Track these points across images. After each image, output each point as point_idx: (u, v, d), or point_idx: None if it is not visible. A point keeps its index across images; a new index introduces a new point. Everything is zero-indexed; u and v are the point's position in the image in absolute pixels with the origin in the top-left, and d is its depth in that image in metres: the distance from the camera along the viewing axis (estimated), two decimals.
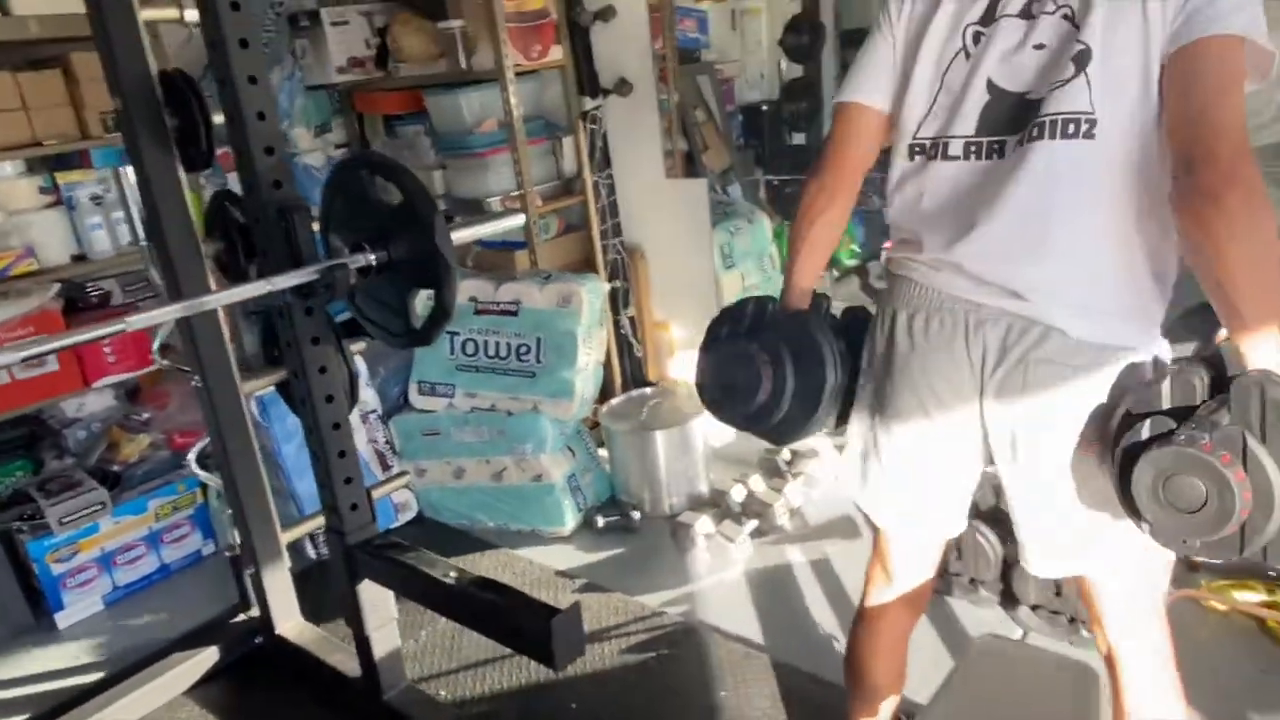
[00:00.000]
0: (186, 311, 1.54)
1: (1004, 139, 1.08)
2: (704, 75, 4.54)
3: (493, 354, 2.47)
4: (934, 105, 1.14)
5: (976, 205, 1.10)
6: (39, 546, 2.29)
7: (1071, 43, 1.03)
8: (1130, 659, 1.22)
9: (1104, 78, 1.01)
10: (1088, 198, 1.03)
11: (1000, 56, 1.09)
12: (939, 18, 1.14)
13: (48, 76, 2.45)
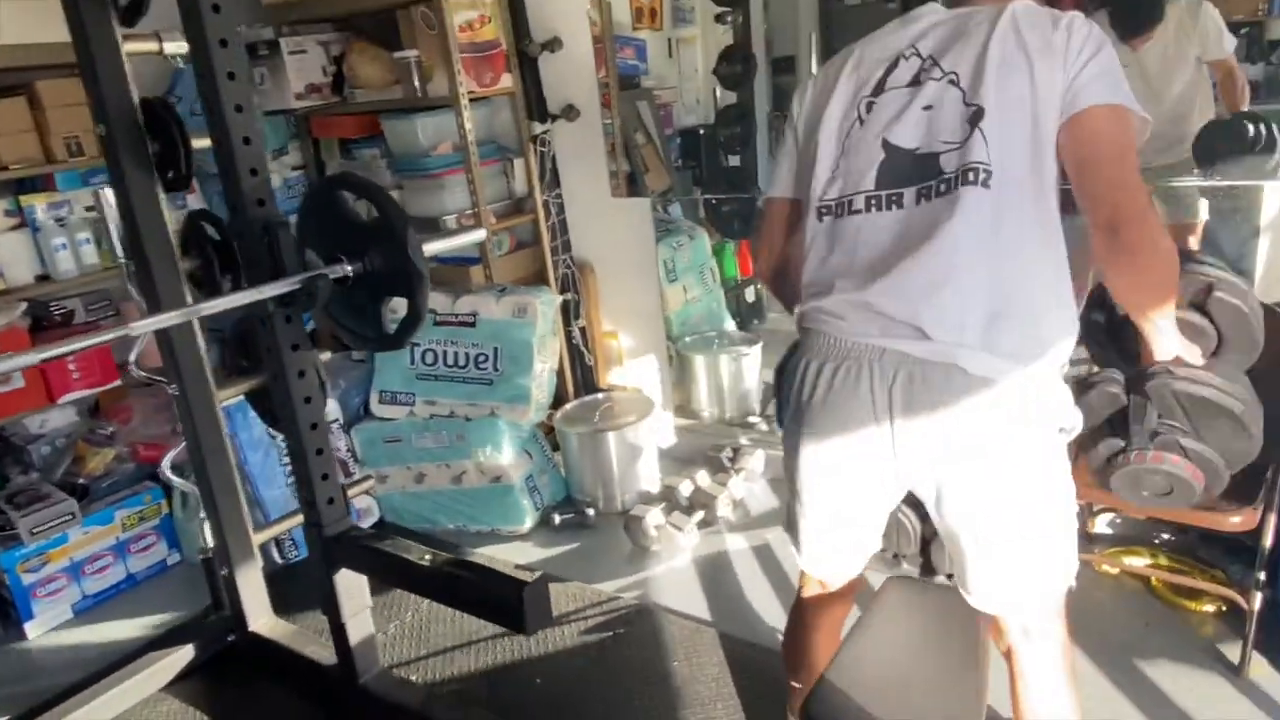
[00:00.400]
0: (186, 317, 1.68)
1: (901, 190, 1.19)
2: (643, 100, 4.76)
3: (452, 363, 2.62)
4: (836, 170, 1.26)
5: (883, 250, 1.19)
6: (9, 557, 2.35)
7: (961, 104, 1.16)
8: (1028, 660, 1.28)
9: (997, 134, 1.14)
10: (987, 240, 1.13)
11: (892, 118, 1.21)
12: (835, 99, 1.28)
13: (13, 104, 2.53)
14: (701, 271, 3.41)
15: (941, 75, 1.19)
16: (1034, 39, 1.14)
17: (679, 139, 5.02)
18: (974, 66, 1.17)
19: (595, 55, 2.96)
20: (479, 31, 2.66)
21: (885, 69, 1.25)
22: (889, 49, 1.27)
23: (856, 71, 1.28)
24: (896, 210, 1.20)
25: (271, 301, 1.66)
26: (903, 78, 1.23)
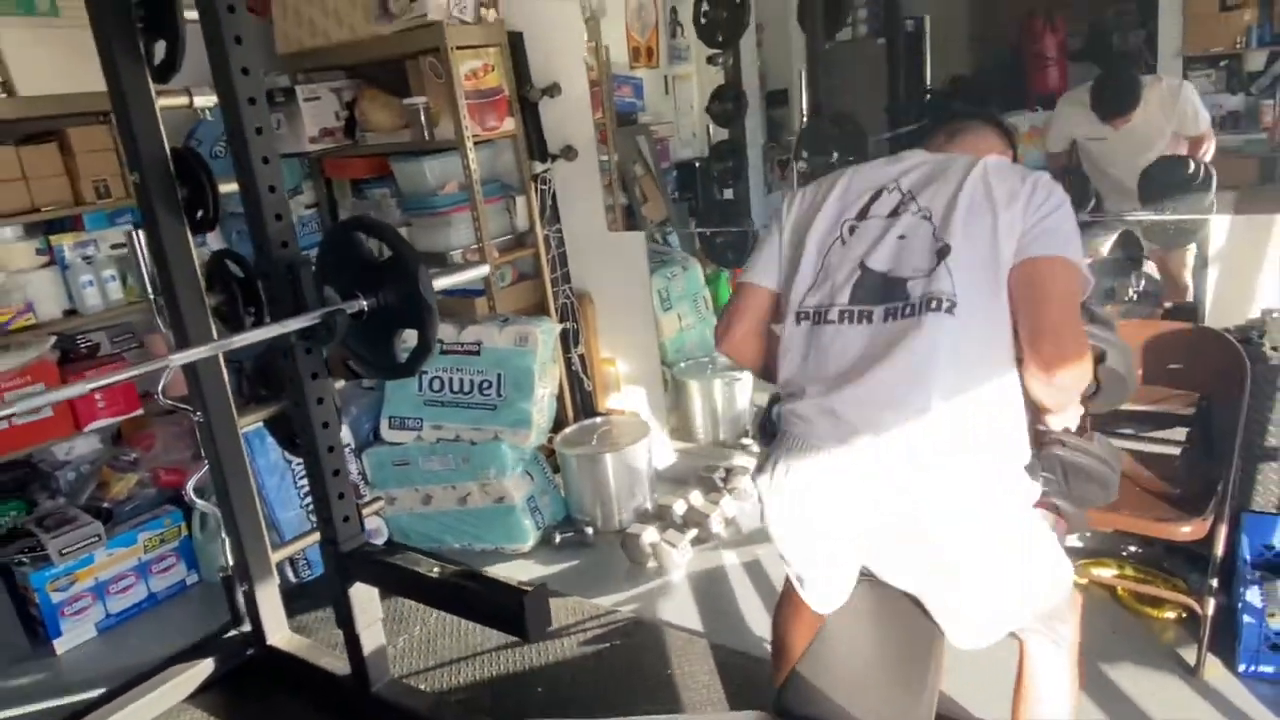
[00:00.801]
0: (216, 350, 1.83)
1: (871, 308, 1.32)
2: (641, 135, 4.95)
3: (457, 389, 2.76)
4: (816, 281, 1.39)
5: (851, 361, 1.31)
6: (40, 577, 2.48)
7: (931, 238, 1.30)
8: (1030, 660, 1.44)
9: (960, 268, 1.27)
10: (946, 359, 1.24)
11: (871, 243, 1.35)
12: (822, 216, 1.42)
13: (46, 150, 2.68)
14: (695, 300, 3.57)
15: (917, 210, 1.34)
16: (1001, 191, 1.29)
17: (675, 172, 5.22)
18: (946, 207, 1.31)
19: (592, 98, 3.13)
20: (483, 79, 2.84)
21: (870, 197, 1.40)
22: (874, 181, 1.41)
23: (844, 196, 1.42)
24: (866, 325, 1.32)
25: (294, 335, 1.81)
26: (884, 208, 1.37)
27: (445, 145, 2.88)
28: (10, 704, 2.33)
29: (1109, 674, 1.97)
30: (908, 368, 1.25)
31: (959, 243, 1.28)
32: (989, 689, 1.73)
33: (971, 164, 1.35)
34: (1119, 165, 2.56)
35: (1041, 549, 1.36)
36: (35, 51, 2.51)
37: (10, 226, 2.65)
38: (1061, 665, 1.45)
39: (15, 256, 2.66)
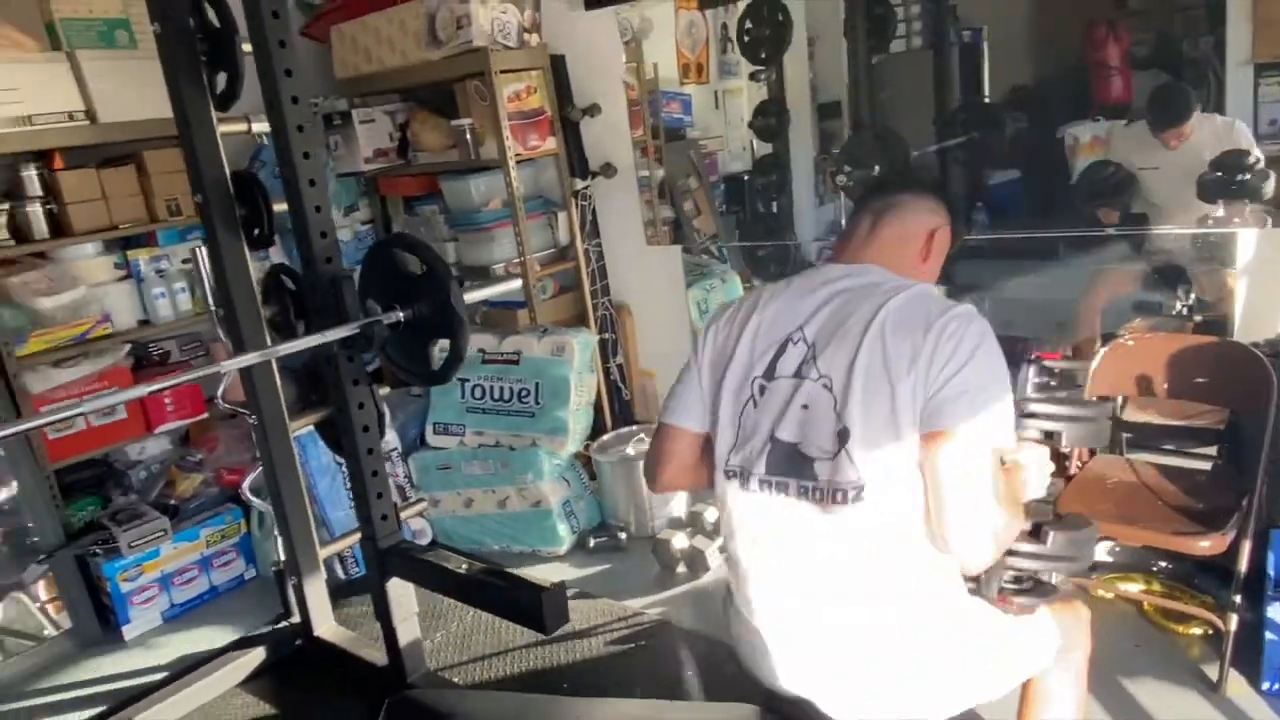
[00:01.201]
0: (265, 357, 1.97)
1: (787, 480, 1.25)
2: (690, 150, 5.05)
3: (498, 397, 2.88)
4: (737, 441, 1.32)
5: (773, 534, 1.28)
6: (111, 567, 2.67)
7: (833, 413, 1.21)
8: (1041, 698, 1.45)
9: (865, 453, 1.18)
10: (858, 555, 1.22)
11: (778, 412, 1.26)
12: (734, 368, 1.33)
13: (124, 171, 2.90)
14: None
15: (818, 377, 1.24)
16: (899, 352, 1.18)
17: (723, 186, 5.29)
18: (844, 376, 1.21)
19: (633, 116, 3.23)
20: (526, 101, 2.96)
21: (776, 351, 1.30)
22: (782, 328, 1.31)
23: (753, 345, 1.33)
24: (783, 497, 1.27)
25: (336, 344, 1.95)
26: (789, 366, 1.28)
27: (490, 164, 3.01)
28: (83, 684, 2.52)
29: (1129, 689, 1.96)
30: (820, 560, 1.24)
31: (859, 428, 1.19)
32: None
33: (874, 310, 1.22)
34: (1166, 194, 2.58)
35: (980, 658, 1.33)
36: (115, 81, 2.71)
37: (91, 243, 2.86)
38: (1067, 678, 1.46)
39: (95, 270, 2.87)
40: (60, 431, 2.74)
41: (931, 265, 1.41)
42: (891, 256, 1.37)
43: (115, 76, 2.71)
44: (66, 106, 2.65)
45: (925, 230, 1.40)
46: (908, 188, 1.46)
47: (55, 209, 2.73)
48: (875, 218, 1.41)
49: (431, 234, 3.24)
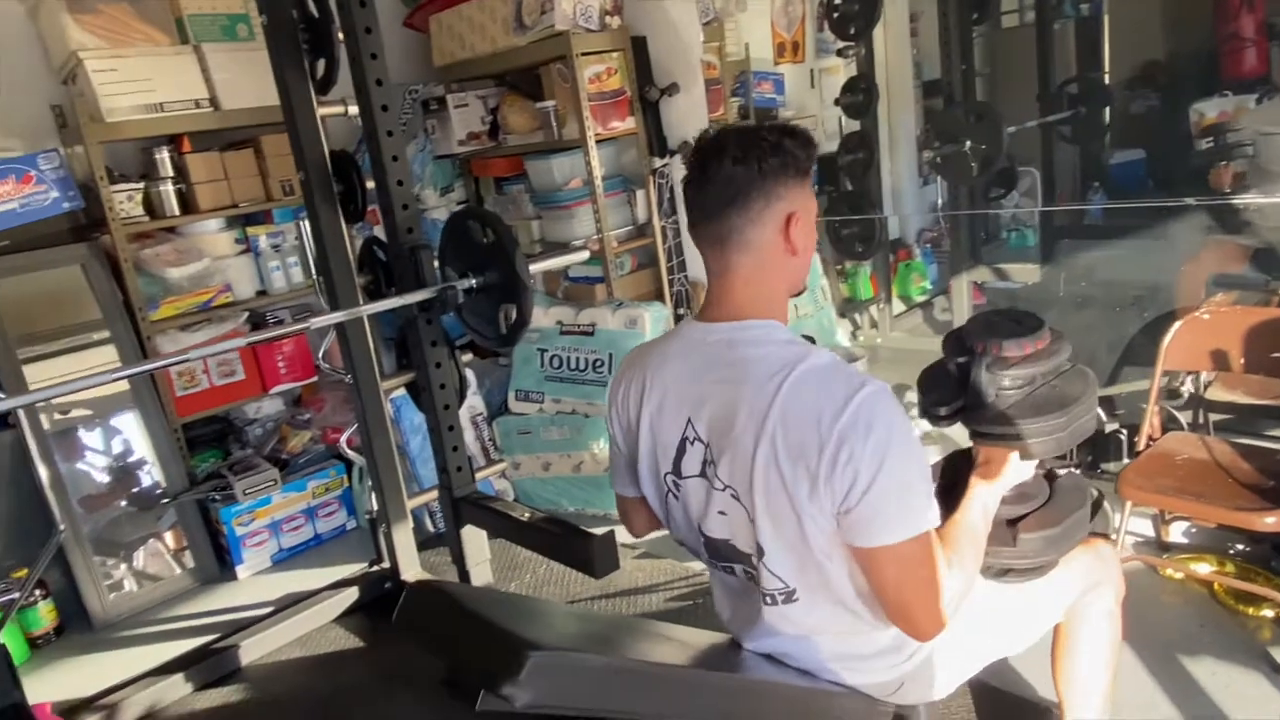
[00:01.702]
0: (349, 316, 2.17)
1: (731, 565, 1.23)
2: None
3: (574, 367, 3.02)
4: (671, 527, 1.31)
5: (737, 611, 1.31)
6: (228, 512, 2.97)
7: (749, 524, 1.14)
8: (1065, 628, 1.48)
9: (785, 565, 1.14)
10: (813, 630, 1.22)
11: (699, 511, 1.21)
12: (641, 453, 1.26)
13: (243, 154, 3.19)
14: (813, 290, 3.66)
15: (723, 487, 1.16)
16: (797, 476, 1.08)
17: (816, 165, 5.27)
18: (748, 494, 1.13)
19: (713, 95, 3.30)
20: (606, 82, 3.08)
21: (676, 449, 1.22)
22: (675, 422, 1.21)
23: (653, 434, 1.24)
24: (733, 577, 1.26)
25: (415, 307, 2.12)
26: (693, 466, 1.20)
27: (571, 144, 3.15)
28: (201, 615, 2.82)
29: (1188, 667, 1.93)
30: (771, 646, 1.26)
31: (772, 546, 1.14)
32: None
33: (761, 416, 1.09)
34: None
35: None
36: (235, 71, 2.98)
37: (215, 220, 3.17)
38: (1095, 619, 1.47)
39: (218, 245, 3.18)
40: (187, 389, 3.06)
41: (802, 250, 1.20)
42: (756, 293, 1.19)
43: (235, 67, 2.97)
44: (193, 95, 2.93)
45: (777, 231, 1.17)
46: (732, 182, 1.14)
47: (184, 188, 3.03)
48: (721, 253, 1.19)
49: (518, 212, 3.41)
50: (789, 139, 1.16)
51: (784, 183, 1.16)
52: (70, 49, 2.76)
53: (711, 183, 1.15)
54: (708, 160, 1.16)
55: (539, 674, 0.81)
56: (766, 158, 1.14)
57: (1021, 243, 5.10)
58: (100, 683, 2.32)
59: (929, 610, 1.11)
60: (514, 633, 0.89)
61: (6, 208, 2.74)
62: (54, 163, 2.80)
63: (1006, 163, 4.31)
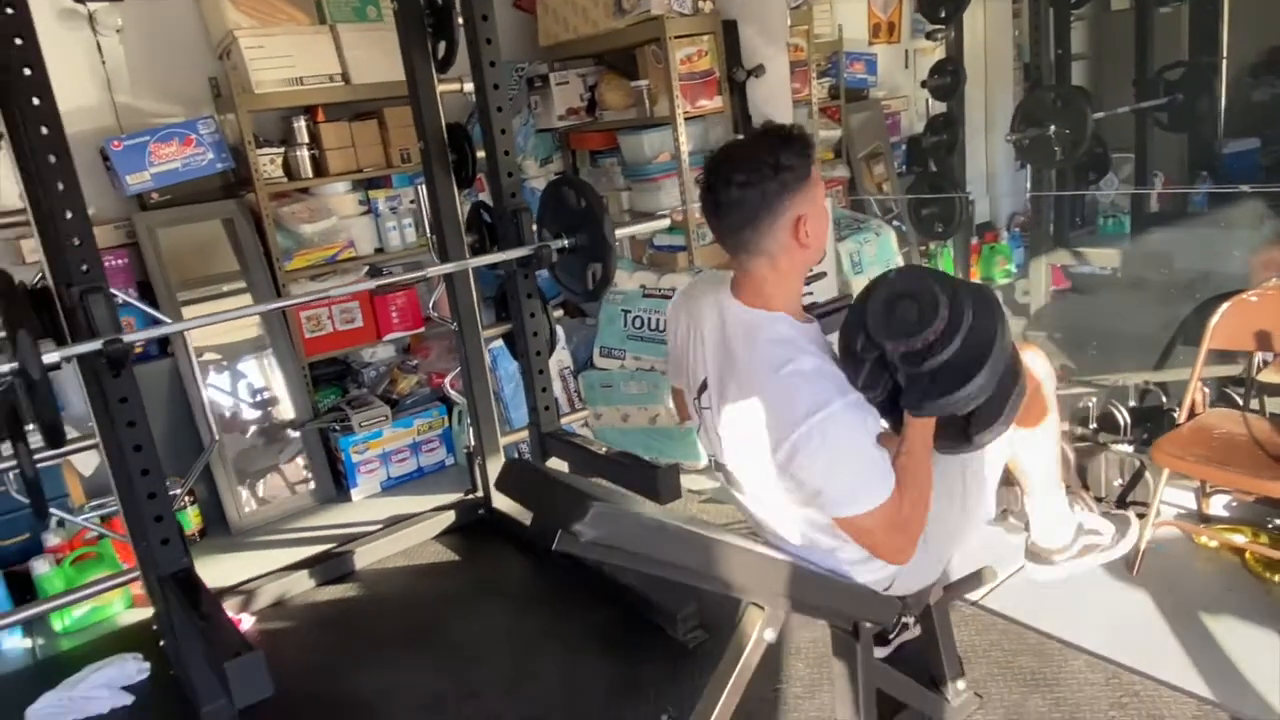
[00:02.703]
0: (458, 267, 2.50)
1: (743, 485, 1.50)
2: (871, 111, 5.16)
3: (654, 328, 3.28)
4: (702, 433, 1.59)
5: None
6: (346, 441, 3.36)
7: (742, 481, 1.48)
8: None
9: (761, 505, 1.49)
10: (805, 548, 1.49)
11: (713, 439, 1.50)
12: (683, 370, 1.57)
13: (369, 125, 3.54)
14: (887, 265, 3.80)
15: (718, 434, 1.47)
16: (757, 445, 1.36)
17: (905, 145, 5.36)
18: (739, 448, 1.41)
19: (799, 76, 3.47)
20: (696, 63, 3.30)
21: (699, 386, 1.50)
22: (698, 370, 1.49)
23: (690, 355, 1.52)
24: (742, 495, 1.55)
25: (515, 262, 2.42)
26: (707, 401, 1.48)
27: (662, 121, 3.38)
28: (320, 529, 3.23)
29: (1208, 624, 2.06)
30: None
31: (749, 489, 1.47)
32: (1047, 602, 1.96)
33: (749, 394, 1.35)
34: None
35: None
36: (365, 49, 3.32)
37: (342, 183, 3.54)
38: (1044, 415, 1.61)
39: (344, 205, 3.55)
40: (314, 333, 3.46)
41: (813, 240, 1.36)
42: (774, 290, 1.41)
43: (365, 45, 3.32)
44: (328, 70, 3.29)
45: (789, 236, 1.34)
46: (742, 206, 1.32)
47: (317, 154, 3.41)
48: (743, 257, 1.40)
49: (610, 183, 3.68)
50: (786, 152, 1.31)
51: (787, 196, 1.32)
52: (227, 28, 3.15)
53: (722, 207, 1.34)
54: (716, 185, 1.34)
55: (599, 518, 1.09)
56: (768, 181, 1.30)
57: (1119, 229, 5.07)
58: (237, 577, 2.74)
59: (892, 552, 1.36)
60: (583, 491, 1.16)
61: (170, 166, 3.16)
62: (210, 128, 3.21)
63: (1099, 148, 4.33)
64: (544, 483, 1.30)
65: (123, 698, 2.25)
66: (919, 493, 1.35)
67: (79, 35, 3.08)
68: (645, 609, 2.31)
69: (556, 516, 1.10)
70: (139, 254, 3.19)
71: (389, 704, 2.14)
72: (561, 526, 1.09)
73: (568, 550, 1.11)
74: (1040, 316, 4.19)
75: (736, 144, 1.44)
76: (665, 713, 1.58)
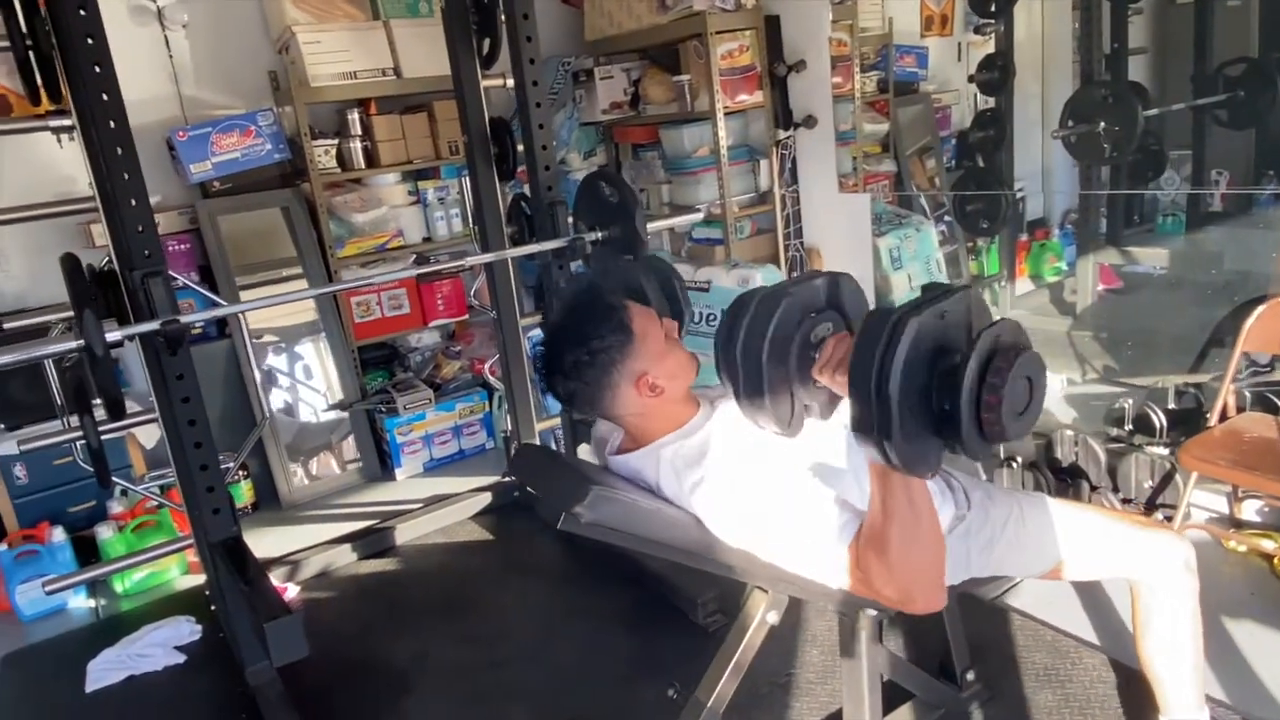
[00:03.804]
0: (497, 258, 2.60)
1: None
2: (921, 105, 5.12)
3: (690, 319, 3.33)
4: None
5: None
6: (391, 422, 3.50)
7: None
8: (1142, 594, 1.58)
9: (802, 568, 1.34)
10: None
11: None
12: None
13: (418, 118, 3.66)
14: (927, 261, 3.80)
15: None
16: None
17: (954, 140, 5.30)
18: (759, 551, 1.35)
19: (842, 70, 3.49)
20: (737, 58, 3.34)
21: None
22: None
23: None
24: None
25: (550, 254, 2.50)
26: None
27: (702, 115, 3.43)
28: (365, 505, 3.37)
29: (1229, 627, 2.06)
30: None
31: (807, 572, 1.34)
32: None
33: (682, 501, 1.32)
34: None
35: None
36: (415, 44, 3.43)
37: (392, 174, 3.67)
38: (1165, 616, 1.55)
39: (394, 195, 3.68)
40: (363, 318, 3.59)
41: (668, 385, 1.38)
42: (651, 426, 1.40)
43: (416, 40, 3.43)
44: (380, 64, 3.41)
45: (637, 395, 1.35)
46: (577, 396, 1.37)
47: (369, 145, 3.54)
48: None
49: (650, 177, 3.74)
50: (596, 332, 1.31)
51: (614, 371, 1.33)
52: (286, 24, 3.29)
53: (563, 399, 1.39)
54: (551, 379, 1.38)
55: (598, 500, 1.15)
56: (587, 369, 1.32)
57: (1177, 229, 4.95)
58: (286, 548, 2.89)
59: (883, 595, 1.17)
60: (586, 476, 1.23)
61: (231, 156, 3.32)
62: (269, 120, 3.36)
63: (1155, 145, 4.23)
64: (551, 466, 1.37)
65: (176, 656, 2.41)
66: (907, 538, 1.14)
67: (148, 30, 3.25)
68: (668, 592, 2.38)
69: (559, 498, 1.17)
70: (200, 239, 3.36)
71: (420, 670, 2.25)
72: (564, 508, 1.16)
73: (571, 530, 1.18)
74: (1085, 316, 4.13)
75: (553, 332, 1.42)
76: (671, 687, 1.65)
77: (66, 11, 1.76)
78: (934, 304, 1.05)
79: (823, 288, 1.25)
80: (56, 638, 2.63)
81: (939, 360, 1.05)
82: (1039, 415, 1.10)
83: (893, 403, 1.00)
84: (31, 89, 2.08)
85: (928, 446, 1.07)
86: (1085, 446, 2.61)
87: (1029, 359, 1.04)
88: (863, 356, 1.02)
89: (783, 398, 1.20)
